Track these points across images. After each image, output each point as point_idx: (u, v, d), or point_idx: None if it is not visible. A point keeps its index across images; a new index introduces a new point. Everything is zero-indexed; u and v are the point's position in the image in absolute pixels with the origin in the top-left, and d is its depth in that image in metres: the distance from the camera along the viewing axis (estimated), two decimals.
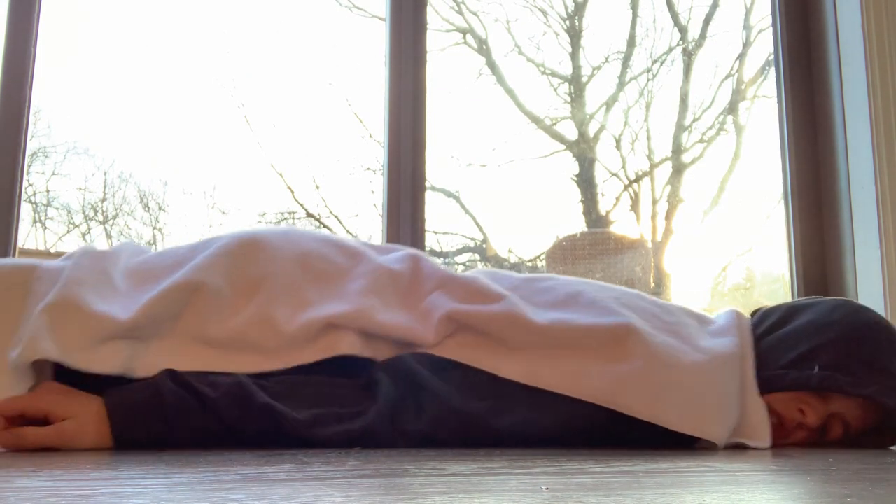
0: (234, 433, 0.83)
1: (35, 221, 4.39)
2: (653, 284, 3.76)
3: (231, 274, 0.93)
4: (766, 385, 0.96)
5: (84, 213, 4.66)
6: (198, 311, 0.90)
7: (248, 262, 0.94)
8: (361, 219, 4.76)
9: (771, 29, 1.92)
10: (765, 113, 4.62)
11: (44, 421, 0.80)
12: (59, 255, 1.02)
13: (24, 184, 1.45)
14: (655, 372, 0.89)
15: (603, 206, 4.67)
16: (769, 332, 1.01)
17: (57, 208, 4.54)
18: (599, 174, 4.72)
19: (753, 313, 1.07)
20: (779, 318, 1.02)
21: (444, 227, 4.80)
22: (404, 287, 0.98)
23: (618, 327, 0.92)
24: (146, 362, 0.86)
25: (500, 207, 4.79)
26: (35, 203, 4.41)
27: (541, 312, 0.95)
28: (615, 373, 0.89)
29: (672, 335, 0.94)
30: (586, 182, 4.69)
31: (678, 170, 4.76)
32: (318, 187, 4.72)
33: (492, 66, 4.74)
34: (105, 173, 4.58)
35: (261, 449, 0.82)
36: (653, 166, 4.76)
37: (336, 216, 4.75)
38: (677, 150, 4.74)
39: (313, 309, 0.92)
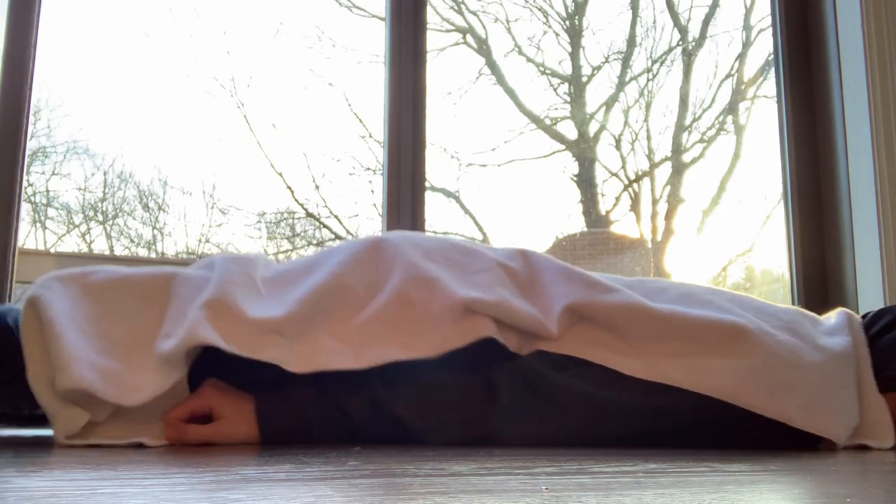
0: (367, 436, 0.90)
1: (35, 221, 4.39)
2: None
3: (364, 272, 0.98)
4: (886, 384, 0.96)
5: (84, 213, 4.65)
6: (342, 308, 0.95)
7: (377, 259, 0.99)
8: (361, 219, 4.76)
9: (771, 29, 1.92)
10: (765, 113, 4.62)
11: (207, 417, 0.88)
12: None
13: (24, 184, 1.45)
14: (777, 369, 0.90)
15: (603, 206, 4.67)
16: (884, 331, 1.01)
17: (57, 208, 4.54)
18: (599, 174, 4.72)
19: (864, 315, 1.08)
20: (893, 318, 1.02)
21: (444, 227, 4.80)
22: (521, 281, 1.00)
23: (736, 324, 0.93)
24: (298, 353, 0.90)
25: (500, 207, 4.78)
26: (35, 203, 4.41)
27: (659, 306, 0.96)
28: (736, 369, 0.90)
29: (791, 333, 0.95)
30: (586, 182, 4.69)
31: (678, 170, 4.76)
32: (318, 187, 4.70)
33: (492, 66, 4.73)
34: (105, 173, 4.58)
35: (265, 449, 0.82)
36: (653, 166, 4.76)
37: (336, 216, 4.75)
38: (677, 150, 4.74)
39: (450, 292, 0.94)
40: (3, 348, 0.92)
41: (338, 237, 4.84)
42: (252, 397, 0.90)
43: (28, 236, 4.35)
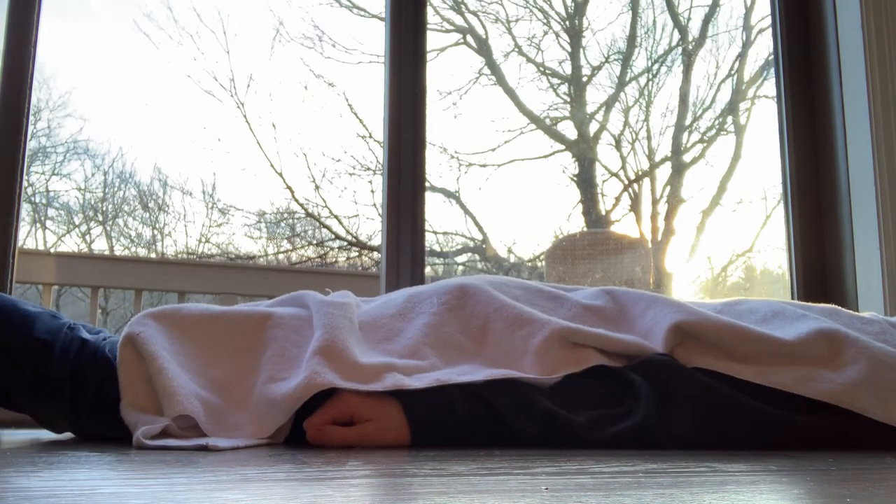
0: (516, 437, 0.90)
1: (35, 221, 4.39)
2: (653, 284, 3.77)
3: (457, 319, 1.02)
4: None
5: (84, 213, 4.66)
6: (448, 351, 0.98)
7: (467, 305, 1.03)
8: (361, 219, 4.76)
9: (771, 29, 1.92)
10: (765, 113, 4.62)
11: (349, 422, 0.90)
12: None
13: (24, 184, 1.45)
14: (881, 374, 0.92)
15: (603, 206, 4.67)
16: None
17: (57, 208, 4.55)
18: (599, 174, 4.72)
19: None
20: None
21: (444, 227, 4.80)
22: (611, 317, 1.03)
23: (838, 332, 0.95)
24: (419, 380, 0.92)
25: (500, 207, 4.79)
26: (35, 203, 4.41)
27: (761, 329, 0.98)
28: (843, 375, 0.92)
29: (883, 341, 0.98)
30: (586, 182, 4.69)
31: (678, 170, 4.76)
32: (318, 187, 4.72)
33: (492, 66, 4.74)
34: (105, 173, 4.58)
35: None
36: (653, 166, 4.76)
37: (336, 216, 4.76)
38: (677, 150, 4.74)
39: (550, 325, 0.97)
40: (105, 377, 0.95)
41: (338, 237, 4.85)
42: (397, 400, 0.90)
43: (28, 236, 4.36)
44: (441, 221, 4.66)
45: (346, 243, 4.82)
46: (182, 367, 0.94)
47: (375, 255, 4.71)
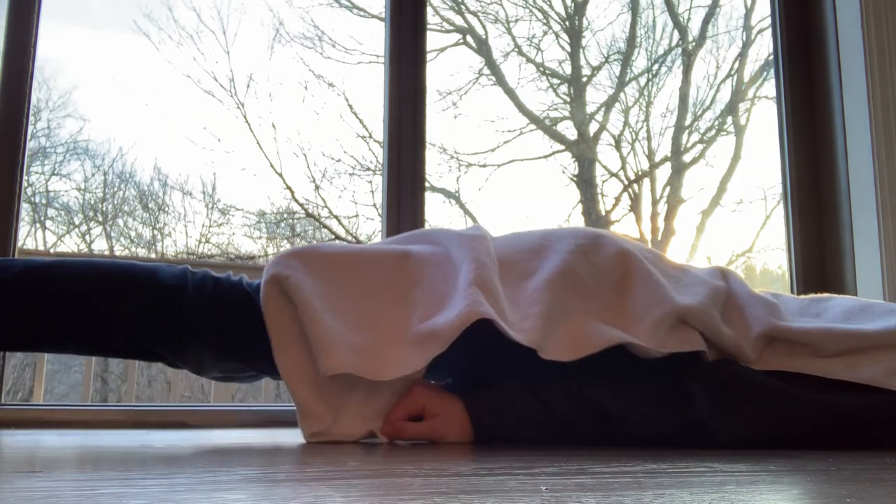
0: (570, 435, 0.92)
1: (35, 221, 4.39)
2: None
3: (590, 265, 1.02)
4: None
5: (84, 213, 4.66)
6: (575, 299, 0.98)
7: (603, 257, 1.03)
8: (361, 219, 4.76)
9: (771, 29, 1.92)
10: (765, 113, 4.62)
11: (420, 416, 0.93)
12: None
13: (24, 184, 1.45)
14: None
15: (603, 206, 4.67)
16: None
17: (57, 208, 4.55)
18: (599, 174, 4.72)
19: None
20: None
21: (444, 226, 4.80)
22: (722, 298, 1.04)
23: None
24: (556, 342, 0.93)
25: (500, 207, 4.79)
26: (35, 203, 4.41)
27: (847, 324, 1.00)
28: None
29: None
30: (586, 182, 4.69)
31: (678, 170, 4.76)
32: (318, 187, 4.72)
33: (492, 66, 4.74)
34: (105, 173, 4.58)
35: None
36: (653, 166, 4.76)
37: (336, 216, 4.76)
38: (677, 150, 4.74)
39: (671, 299, 0.98)
40: (247, 310, 0.97)
41: (338, 237, 4.85)
42: (459, 398, 0.93)
43: (28, 236, 4.36)
44: (441, 221, 4.66)
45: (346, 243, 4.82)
46: (332, 309, 0.94)
47: None
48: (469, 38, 4.75)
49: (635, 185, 4.74)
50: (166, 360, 1.01)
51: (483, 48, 4.75)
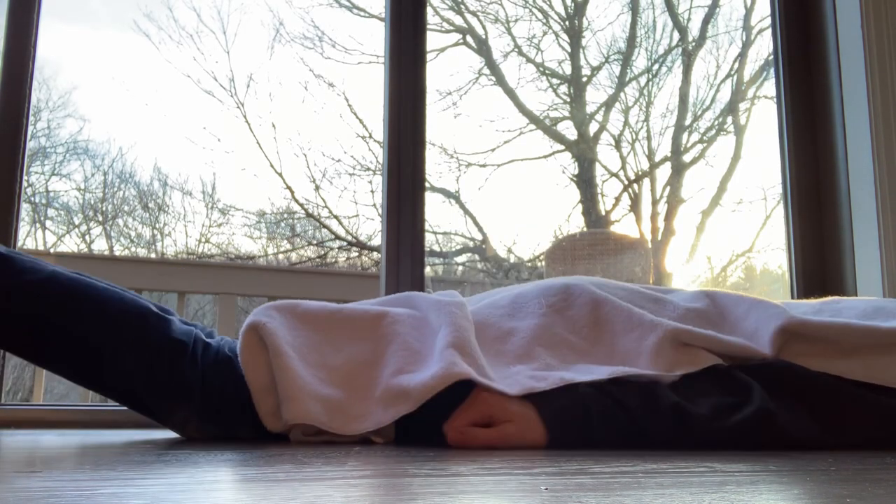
0: (643, 434, 0.90)
1: (35, 221, 4.39)
2: (652, 284, 3.76)
3: (565, 321, 1.04)
4: None
5: (84, 213, 4.65)
6: (561, 350, 1.00)
7: (577, 309, 1.05)
8: (361, 219, 4.76)
9: (771, 29, 1.92)
10: (765, 113, 4.63)
11: (487, 424, 0.91)
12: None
13: (24, 184, 1.45)
14: None
15: (603, 206, 4.67)
16: None
17: (57, 208, 4.55)
18: (599, 174, 4.72)
19: None
20: None
21: (444, 227, 4.80)
22: (712, 318, 1.04)
23: None
24: (550, 383, 0.94)
25: (500, 207, 4.79)
26: (35, 203, 4.41)
27: (869, 322, 1.00)
28: None
29: None
30: (586, 182, 4.69)
31: (678, 170, 4.76)
32: (318, 187, 4.72)
33: (491, 66, 4.74)
34: (105, 173, 4.58)
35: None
36: (652, 166, 4.76)
37: (336, 216, 4.76)
38: (677, 150, 4.74)
39: (662, 324, 0.99)
40: (228, 377, 0.98)
41: (338, 237, 4.85)
42: (531, 402, 0.91)
43: (28, 236, 4.36)
44: (441, 221, 4.66)
45: (346, 243, 4.82)
46: (303, 360, 0.96)
47: (375, 255, 4.71)
48: (469, 38, 4.75)
49: (635, 185, 4.74)
50: (151, 412, 1.02)
51: (483, 48, 4.75)
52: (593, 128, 4.86)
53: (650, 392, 0.91)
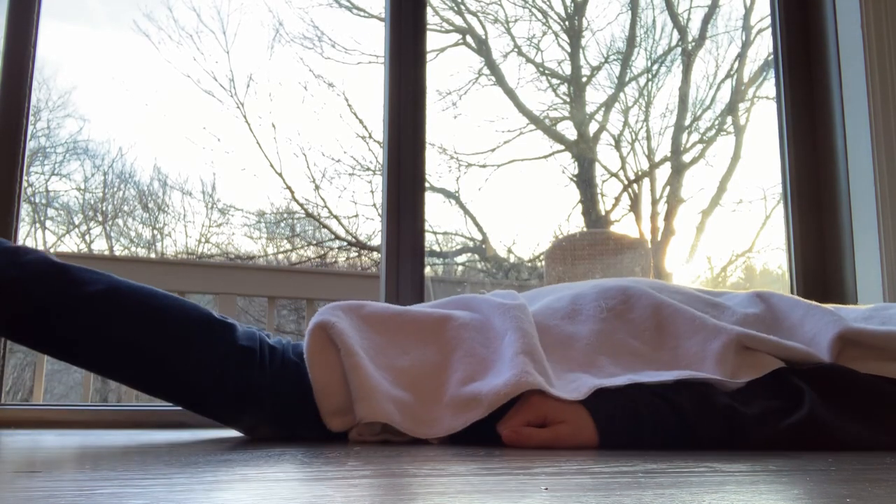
0: (694, 436, 0.91)
1: (34, 221, 4.39)
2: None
3: (625, 324, 1.05)
4: None
5: (84, 213, 4.65)
6: (625, 358, 1.01)
7: (638, 312, 1.06)
8: (361, 219, 4.76)
9: (771, 29, 1.92)
10: (765, 113, 4.63)
11: (541, 424, 0.91)
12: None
13: (24, 184, 1.45)
14: None
15: (603, 206, 4.67)
16: None
17: (56, 208, 4.54)
18: (599, 174, 4.72)
19: None
20: None
21: (444, 227, 4.80)
22: (768, 323, 1.05)
23: None
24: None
25: (500, 207, 4.79)
26: (35, 203, 4.41)
27: None
28: None
29: None
30: (586, 182, 4.69)
31: (678, 170, 4.76)
32: (318, 187, 4.72)
33: (491, 66, 4.74)
34: (105, 173, 4.58)
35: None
36: (652, 166, 4.76)
37: (336, 216, 4.76)
38: (677, 150, 4.74)
39: (725, 329, 0.99)
40: (296, 378, 0.98)
41: (337, 237, 4.85)
42: (583, 404, 0.91)
43: (27, 236, 4.35)
44: (441, 221, 4.66)
45: (345, 243, 4.82)
46: (372, 362, 0.97)
47: (375, 255, 4.71)
48: (469, 39, 4.75)
49: (635, 185, 4.74)
50: (219, 418, 1.03)
51: (483, 48, 4.75)
52: (593, 128, 4.86)
53: (703, 394, 0.92)
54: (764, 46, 4.56)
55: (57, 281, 0.95)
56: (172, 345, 0.96)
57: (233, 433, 1.10)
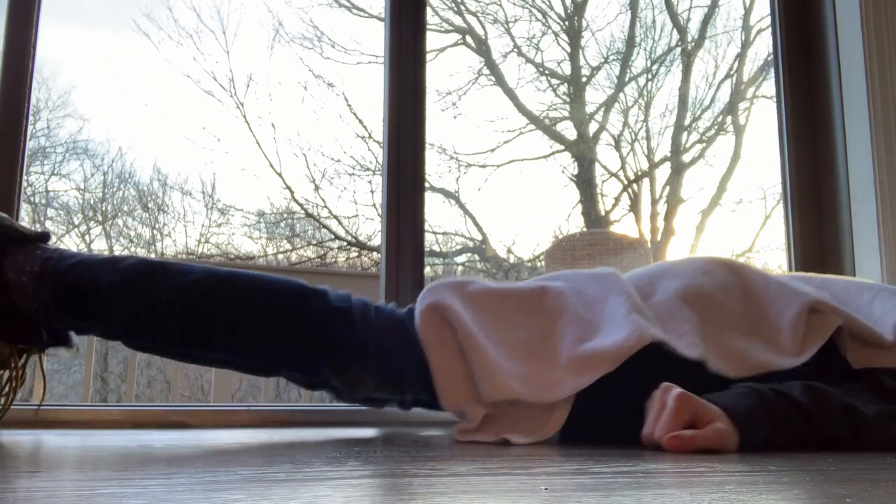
0: (822, 435, 0.89)
1: (34, 221, 4.39)
2: None
3: (723, 285, 1.08)
4: None
5: (83, 213, 4.65)
6: (720, 321, 1.04)
7: (732, 274, 1.10)
8: (361, 219, 4.76)
9: (770, 29, 1.92)
10: (764, 113, 4.63)
11: (691, 425, 0.88)
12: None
13: (24, 184, 1.45)
14: None
15: (602, 206, 4.67)
16: None
17: (56, 208, 4.54)
18: (599, 174, 4.72)
19: None
20: None
21: (443, 227, 4.80)
22: (854, 293, 1.10)
23: None
24: (720, 356, 0.99)
25: (500, 207, 4.79)
26: (34, 203, 4.41)
27: None
28: None
29: None
30: (586, 182, 4.69)
31: (678, 170, 4.76)
32: (317, 187, 4.72)
33: (491, 66, 4.74)
34: (105, 173, 4.58)
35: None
36: (652, 166, 4.76)
37: (336, 216, 4.75)
38: (676, 150, 4.74)
39: (801, 293, 1.04)
40: (406, 338, 1.02)
41: (337, 237, 4.85)
42: (716, 405, 0.89)
43: None
44: (441, 221, 4.66)
45: (345, 243, 4.82)
46: (488, 339, 1.00)
47: (375, 255, 4.71)
48: (469, 39, 4.75)
49: (635, 185, 4.74)
50: (318, 379, 1.05)
51: (483, 48, 4.75)
52: (593, 128, 4.86)
53: (821, 391, 0.91)
54: (764, 46, 4.57)
55: (159, 276, 1.00)
56: (275, 312, 1.01)
57: (233, 433, 1.10)
